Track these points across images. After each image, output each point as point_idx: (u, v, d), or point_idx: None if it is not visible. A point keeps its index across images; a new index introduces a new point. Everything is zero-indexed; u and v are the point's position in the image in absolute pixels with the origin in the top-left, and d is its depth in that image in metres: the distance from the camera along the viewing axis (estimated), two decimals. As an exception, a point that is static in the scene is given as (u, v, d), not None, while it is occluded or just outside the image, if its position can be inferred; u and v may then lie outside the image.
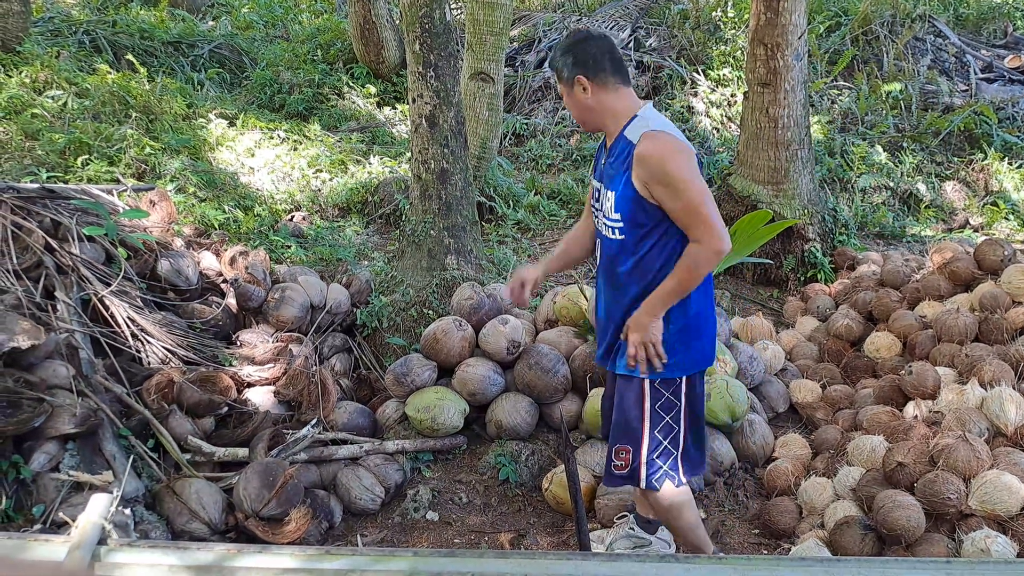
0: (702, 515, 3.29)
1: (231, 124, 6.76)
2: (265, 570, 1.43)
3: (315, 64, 8.56)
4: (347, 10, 8.83)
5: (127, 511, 2.71)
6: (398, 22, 8.34)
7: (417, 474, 3.65)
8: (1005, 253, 4.11)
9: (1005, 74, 8.40)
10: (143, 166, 5.47)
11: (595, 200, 2.57)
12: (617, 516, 3.16)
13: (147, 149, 5.54)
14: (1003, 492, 2.73)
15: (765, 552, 3.16)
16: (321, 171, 6.44)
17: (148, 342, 3.43)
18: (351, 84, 8.44)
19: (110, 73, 6.50)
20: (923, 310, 4.20)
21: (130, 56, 7.43)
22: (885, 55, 8.32)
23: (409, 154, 4.96)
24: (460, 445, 3.78)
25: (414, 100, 4.35)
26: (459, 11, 9.48)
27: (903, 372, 3.63)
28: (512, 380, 3.81)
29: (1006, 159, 7.03)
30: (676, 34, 8.99)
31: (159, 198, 4.17)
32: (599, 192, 2.53)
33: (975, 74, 8.30)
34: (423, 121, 4.32)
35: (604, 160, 2.54)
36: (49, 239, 3.49)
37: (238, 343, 3.85)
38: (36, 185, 3.83)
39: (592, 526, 3.22)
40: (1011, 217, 6.47)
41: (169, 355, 3.46)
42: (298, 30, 9.85)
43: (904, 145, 7.17)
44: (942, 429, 3.10)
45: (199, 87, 7.91)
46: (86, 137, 5.40)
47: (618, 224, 2.44)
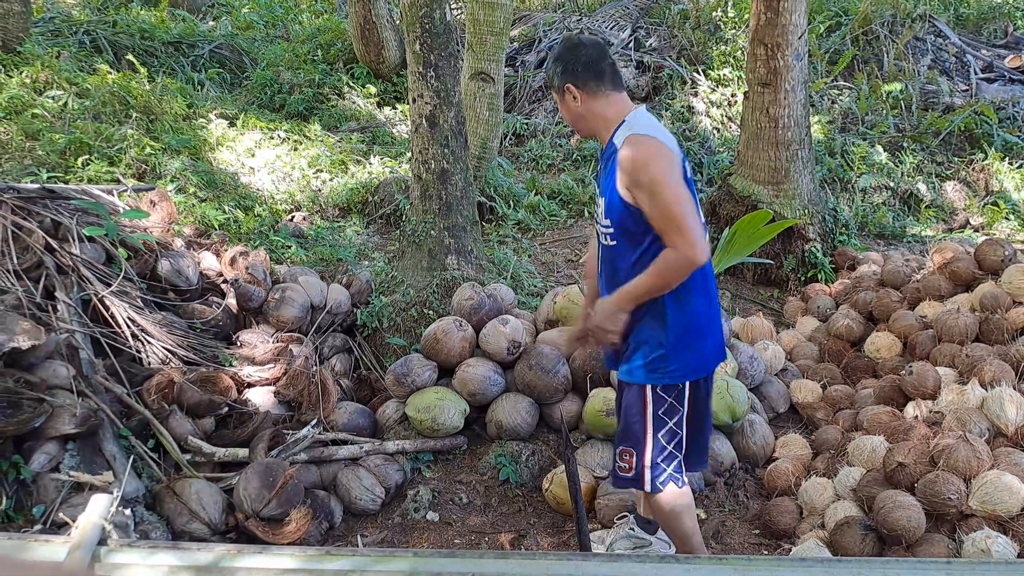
0: (702, 515, 3.29)
1: (231, 124, 6.76)
2: (265, 570, 1.43)
3: (315, 64, 8.56)
4: (347, 10, 8.83)
5: (127, 511, 2.71)
6: (398, 22, 8.34)
7: (417, 474, 3.65)
8: (1006, 253, 4.11)
9: (1005, 74, 8.39)
10: (143, 166, 5.47)
11: (595, 206, 2.58)
12: (617, 516, 3.16)
13: (147, 149, 5.54)
14: (1004, 492, 2.73)
15: (765, 552, 3.16)
16: (321, 171, 6.44)
17: (148, 342, 3.44)
18: (351, 84, 8.44)
19: (110, 73, 6.50)
20: (923, 310, 4.19)
21: (130, 56, 7.43)
22: (885, 55, 8.32)
23: (409, 154, 4.96)
24: (460, 445, 3.78)
25: (414, 100, 4.35)
26: (459, 11, 9.48)
27: (903, 372, 3.63)
28: (512, 380, 3.81)
29: (1006, 159, 7.03)
30: (676, 34, 8.99)
31: (159, 198, 4.18)
32: (595, 198, 2.53)
33: (975, 74, 8.30)
34: (423, 121, 4.32)
35: (599, 166, 2.55)
36: (49, 239, 3.49)
37: (238, 343, 3.85)
38: (36, 185, 3.83)
39: (592, 526, 3.22)
40: (1011, 217, 6.46)
41: (169, 355, 3.47)
42: (298, 30, 9.86)
43: (904, 145, 7.17)
44: (942, 429, 3.10)
45: (199, 87, 7.90)
46: (86, 137, 5.40)
47: (609, 230, 2.45)
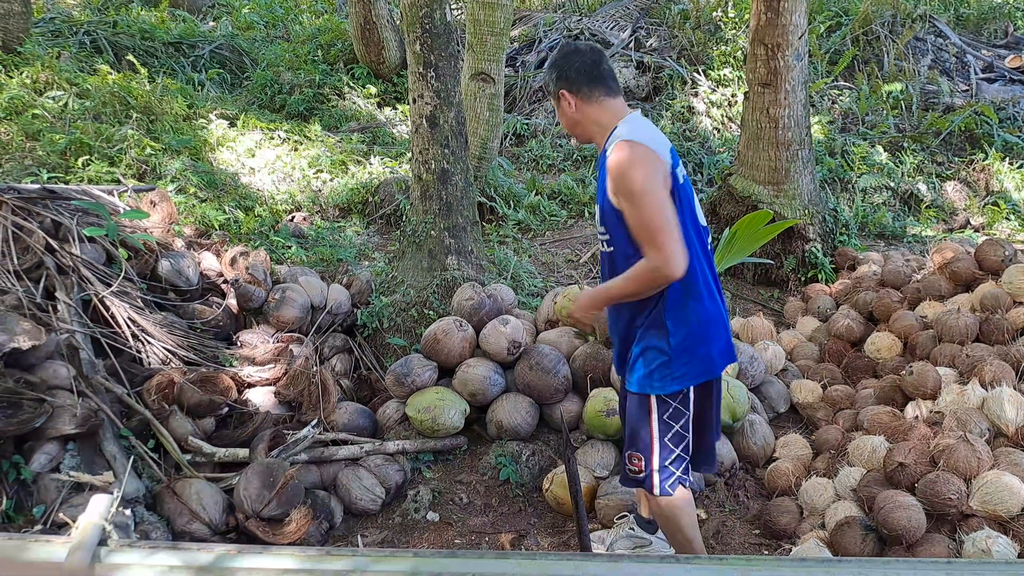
0: (702, 515, 3.30)
1: (232, 125, 6.75)
2: (266, 571, 1.43)
3: (316, 64, 8.56)
4: (348, 10, 8.83)
5: (128, 512, 2.71)
6: (399, 22, 8.34)
7: (418, 474, 3.65)
8: (1006, 253, 4.10)
9: (1006, 74, 8.39)
10: (144, 167, 5.47)
11: (594, 212, 2.58)
12: (617, 516, 3.16)
13: (148, 150, 5.54)
14: (1004, 492, 2.73)
15: (766, 552, 3.16)
16: (322, 171, 6.44)
17: (149, 343, 3.44)
18: (352, 84, 8.44)
19: (111, 74, 6.50)
20: (924, 310, 4.19)
21: (131, 57, 7.43)
22: (886, 55, 8.32)
23: (410, 154, 4.96)
24: (461, 445, 3.77)
25: (415, 100, 4.35)
26: (460, 11, 9.48)
27: (904, 372, 3.63)
28: (513, 380, 3.81)
29: (1007, 159, 7.03)
30: (677, 34, 8.99)
31: (160, 199, 4.18)
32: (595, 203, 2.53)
33: (976, 74, 8.30)
34: (424, 121, 4.32)
35: (597, 172, 2.55)
36: (50, 240, 3.49)
37: (239, 344, 3.85)
38: (37, 186, 3.83)
39: (592, 526, 3.22)
40: (1012, 217, 6.46)
41: (170, 356, 3.47)
42: (299, 30, 9.85)
43: (905, 145, 7.17)
44: (943, 429, 3.10)
45: (200, 88, 7.90)
46: (87, 138, 5.40)
47: (605, 236, 2.45)
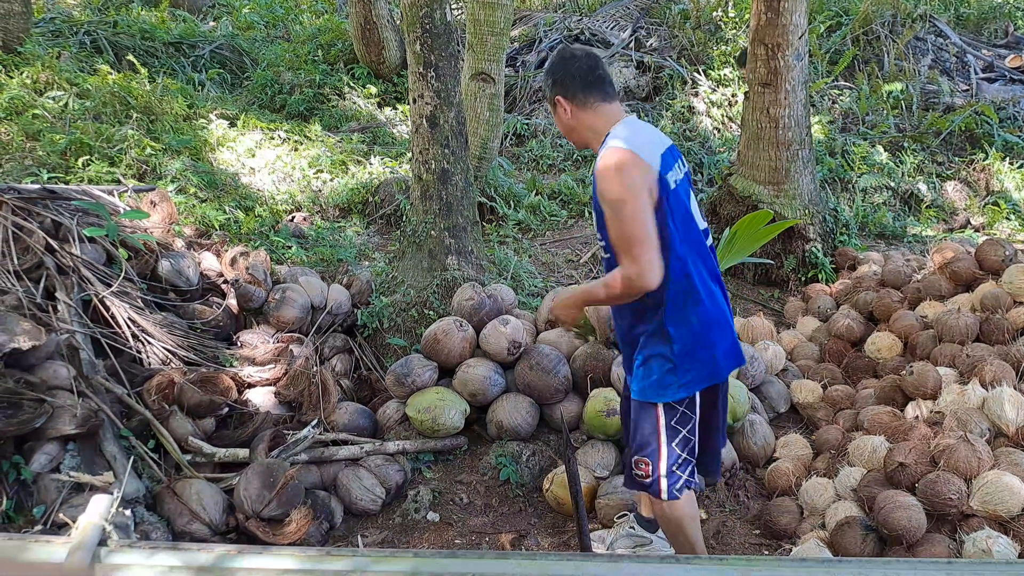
0: (703, 515, 3.29)
1: (232, 125, 6.75)
2: (266, 571, 1.43)
3: (316, 64, 8.56)
4: (348, 10, 8.82)
5: (128, 512, 2.71)
6: (399, 22, 8.34)
7: (418, 475, 3.65)
8: (1006, 253, 4.10)
9: (1006, 74, 8.39)
10: (144, 167, 5.47)
11: None
12: (617, 516, 3.16)
13: (148, 150, 5.54)
14: (1004, 492, 2.73)
15: (766, 553, 3.16)
16: (322, 171, 6.44)
17: (149, 343, 3.44)
18: (352, 84, 8.43)
19: (111, 74, 6.50)
20: (924, 310, 4.19)
21: (131, 57, 7.43)
22: (886, 55, 8.31)
23: (410, 154, 4.96)
24: (461, 446, 3.77)
25: (415, 100, 4.35)
26: (460, 11, 9.48)
27: (904, 372, 3.63)
28: (513, 380, 3.81)
29: (1007, 159, 7.02)
30: (677, 34, 8.99)
31: (160, 199, 4.18)
32: None
33: (976, 74, 8.30)
34: (424, 121, 4.31)
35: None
36: (50, 240, 3.49)
37: (239, 344, 3.85)
38: (37, 186, 3.83)
39: (593, 526, 3.22)
40: (1012, 217, 6.45)
41: (170, 356, 3.47)
42: (299, 30, 9.85)
43: (905, 145, 7.17)
44: (943, 429, 3.10)
45: (200, 88, 7.90)
46: (87, 138, 5.40)
47: (602, 243, 2.46)
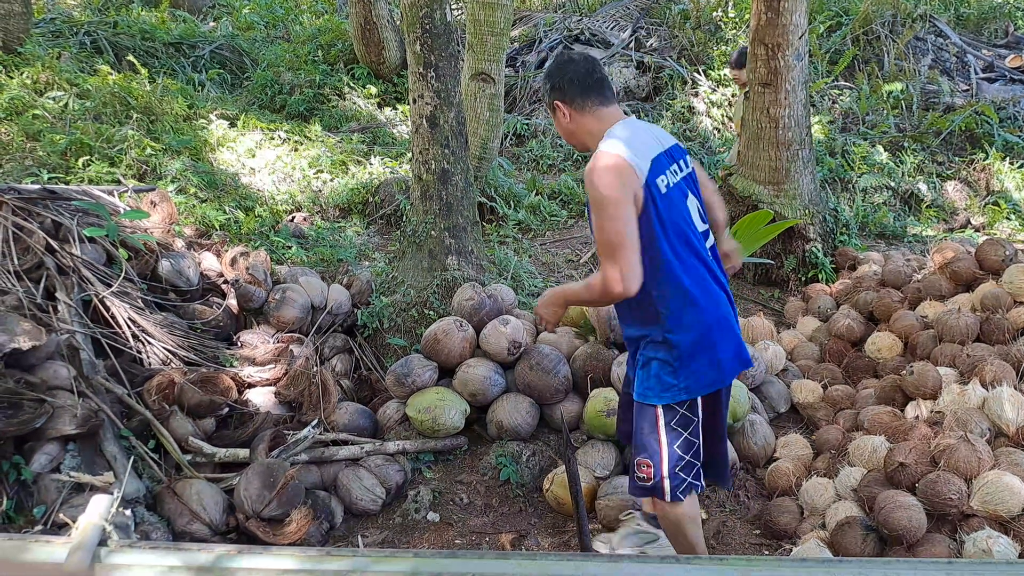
0: (703, 515, 3.29)
1: (232, 125, 6.76)
2: (266, 571, 1.43)
3: (316, 65, 8.56)
4: (348, 11, 8.83)
5: (128, 512, 2.71)
6: (399, 23, 8.34)
7: (418, 475, 3.65)
8: (1006, 253, 4.10)
9: (1006, 74, 8.39)
10: (144, 167, 5.47)
11: None
12: (623, 513, 3.15)
13: (148, 150, 5.55)
14: (1005, 492, 2.73)
15: (766, 553, 3.15)
16: (322, 172, 6.44)
17: (149, 343, 3.44)
18: (352, 85, 8.43)
19: (111, 74, 6.50)
20: (924, 310, 4.19)
21: (131, 57, 7.43)
22: (886, 55, 8.31)
23: (410, 155, 4.96)
24: (461, 446, 3.77)
25: (415, 101, 4.35)
26: (460, 11, 9.48)
27: (904, 372, 3.63)
28: (513, 381, 3.81)
29: (1007, 159, 7.02)
30: (677, 34, 9.00)
31: (160, 199, 4.18)
32: None
33: (976, 74, 8.30)
34: (424, 122, 4.31)
35: None
36: (50, 240, 3.49)
37: (239, 344, 3.85)
38: (37, 186, 3.83)
39: (593, 526, 3.22)
40: (1012, 217, 6.45)
41: (170, 356, 3.47)
42: (299, 31, 9.85)
43: (905, 145, 7.17)
44: (943, 429, 3.09)
45: (200, 88, 7.91)
46: (87, 138, 5.40)
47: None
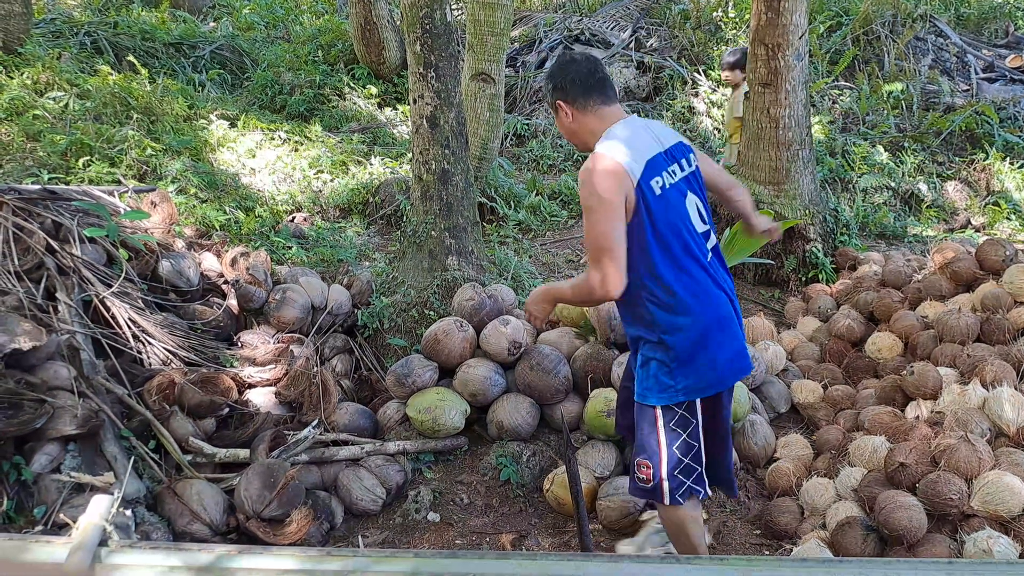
0: (704, 516, 3.29)
1: (232, 125, 6.76)
2: (266, 571, 1.43)
3: (316, 65, 8.56)
4: (348, 11, 8.83)
5: (128, 512, 2.71)
6: (399, 23, 8.34)
7: (418, 475, 3.65)
8: (1007, 253, 4.10)
9: (1006, 74, 8.39)
10: (144, 167, 5.48)
11: None
12: (645, 514, 3.15)
13: (148, 150, 5.55)
14: (1005, 492, 2.73)
15: (767, 553, 3.15)
16: (322, 172, 6.44)
17: (149, 343, 3.44)
18: (352, 85, 8.44)
19: (111, 74, 6.51)
20: (925, 310, 4.19)
21: (131, 57, 7.43)
22: (886, 55, 8.31)
23: (410, 155, 4.96)
24: (461, 446, 3.77)
25: (415, 101, 4.35)
26: (460, 12, 9.48)
27: (905, 372, 3.63)
28: (513, 381, 3.81)
29: (1008, 159, 7.02)
30: (677, 34, 9.00)
31: (160, 199, 4.18)
32: None
33: (976, 74, 8.29)
34: (424, 122, 4.31)
35: None
36: (50, 240, 3.49)
37: (239, 344, 3.85)
38: (37, 186, 3.83)
39: (593, 527, 3.22)
40: (1013, 217, 6.45)
41: (170, 356, 3.47)
42: (299, 31, 9.86)
43: (905, 145, 7.16)
44: (944, 429, 3.09)
45: (200, 88, 7.91)
46: (87, 138, 5.40)
47: None
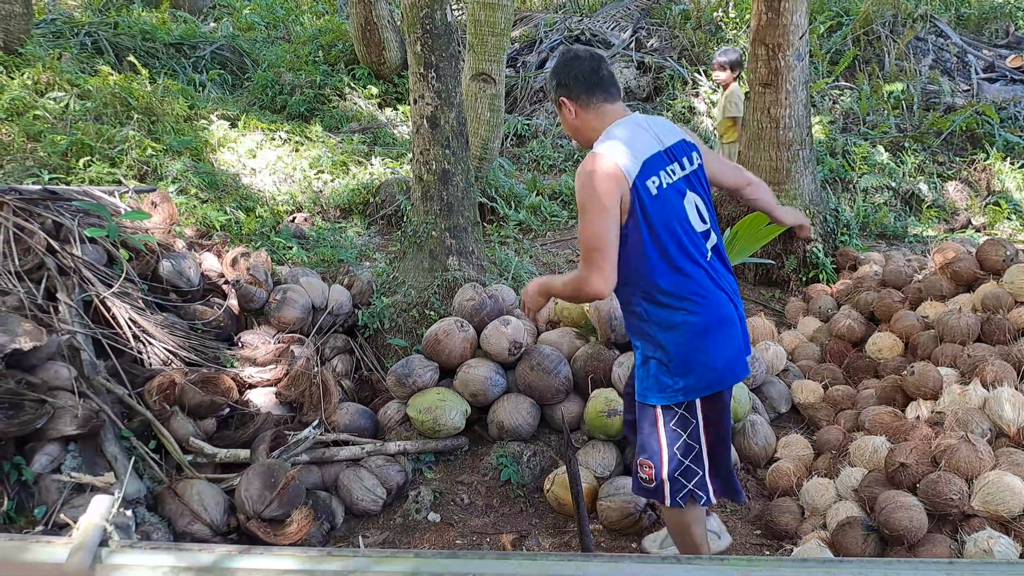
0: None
1: (233, 125, 6.76)
2: (267, 571, 1.43)
3: (316, 65, 8.57)
4: (348, 11, 8.83)
5: (129, 512, 2.71)
6: (399, 23, 8.34)
7: (419, 475, 3.65)
8: (1007, 253, 4.10)
9: (1007, 74, 8.39)
10: (145, 167, 5.48)
11: None
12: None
13: (149, 150, 5.55)
14: (1006, 492, 2.73)
15: (767, 553, 3.15)
16: (323, 172, 6.44)
17: (150, 343, 3.44)
18: (352, 85, 8.44)
19: (112, 75, 6.51)
20: (925, 310, 4.18)
21: (132, 58, 7.44)
22: (887, 55, 8.31)
23: (410, 155, 4.96)
24: (462, 446, 3.77)
25: (415, 101, 4.35)
26: (460, 12, 9.49)
27: (905, 372, 3.62)
28: (514, 381, 3.81)
29: (1008, 159, 7.02)
30: (677, 34, 9.00)
31: (161, 199, 4.18)
32: None
33: (977, 74, 8.29)
34: (424, 122, 4.31)
35: None
36: (51, 240, 3.50)
37: (240, 344, 3.85)
38: (38, 187, 3.83)
39: (594, 527, 3.22)
40: (1013, 217, 6.45)
41: (171, 356, 3.47)
42: (299, 31, 9.86)
43: (906, 145, 7.16)
44: (944, 429, 3.09)
45: (201, 88, 7.92)
46: (88, 139, 5.41)
47: None
